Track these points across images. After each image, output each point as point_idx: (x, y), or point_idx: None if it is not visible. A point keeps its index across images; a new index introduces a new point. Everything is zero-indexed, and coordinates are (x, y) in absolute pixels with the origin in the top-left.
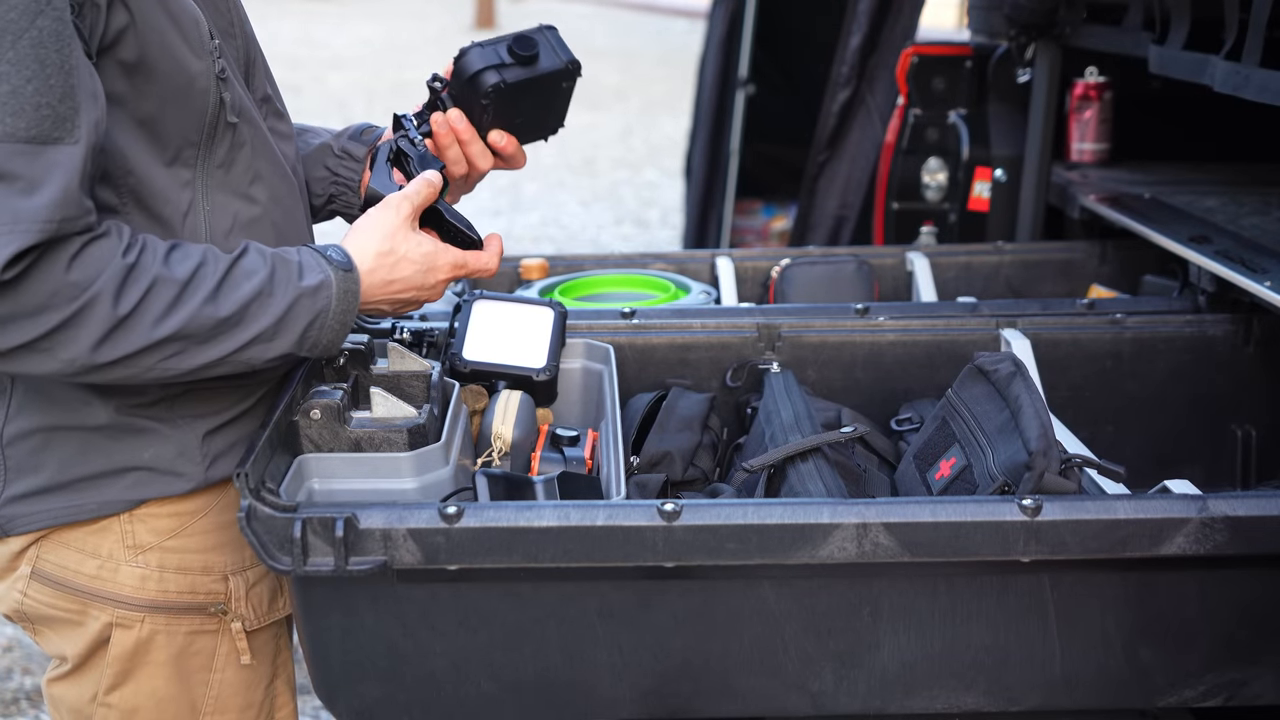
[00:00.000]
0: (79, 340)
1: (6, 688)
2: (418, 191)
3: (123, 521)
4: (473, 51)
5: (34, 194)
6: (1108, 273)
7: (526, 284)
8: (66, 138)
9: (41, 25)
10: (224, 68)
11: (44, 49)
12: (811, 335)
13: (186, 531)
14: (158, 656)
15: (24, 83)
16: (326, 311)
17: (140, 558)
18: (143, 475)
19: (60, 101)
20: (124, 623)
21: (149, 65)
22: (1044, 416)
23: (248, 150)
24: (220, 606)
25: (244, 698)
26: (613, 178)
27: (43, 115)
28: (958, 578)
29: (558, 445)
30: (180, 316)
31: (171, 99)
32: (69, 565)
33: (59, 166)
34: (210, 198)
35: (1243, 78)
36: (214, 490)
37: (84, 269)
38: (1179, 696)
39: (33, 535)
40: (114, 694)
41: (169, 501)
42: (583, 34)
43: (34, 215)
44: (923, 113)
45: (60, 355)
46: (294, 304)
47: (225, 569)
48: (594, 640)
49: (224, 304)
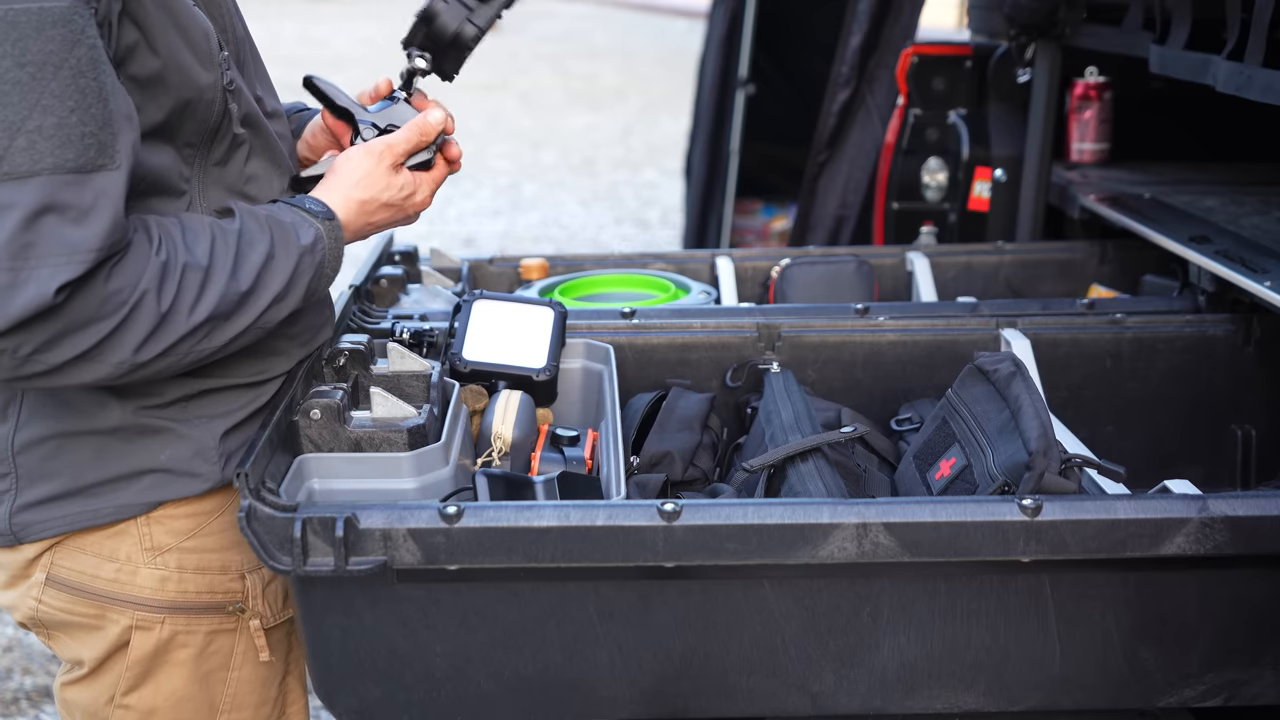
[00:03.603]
0: (126, 343)
1: (7, 688)
2: (406, 139)
3: (140, 524)
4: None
5: (84, 223)
6: (1108, 273)
7: (526, 284)
8: (109, 164)
9: (79, 54)
10: (233, 79)
11: (83, 78)
12: (811, 335)
13: (204, 531)
14: (178, 656)
15: (68, 113)
16: (324, 262)
17: (159, 559)
18: (160, 477)
19: (101, 129)
20: (144, 625)
21: (159, 78)
22: (1044, 416)
23: (246, 149)
24: (238, 605)
25: (259, 694)
26: (613, 178)
27: (87, 144)
28: (958, 578)
29: (558, 445)
30: (211, 299)
31: (179, 108)
32: (86, 570)
33: (106, 193)
34: (206, 194)
35: (1246, 78)
36: (230, 489)
37: (123, 276)
38: (1179, 696)
39: (47, 542)
40: (132, 695)
41: (186, 502)
42: (583, 34)
43: (87, 245)
44: (923, 113)
45: (110, 360)
46: (298, 263)
47: (242, 567)
48: (594, 640)
49: (242, 277)
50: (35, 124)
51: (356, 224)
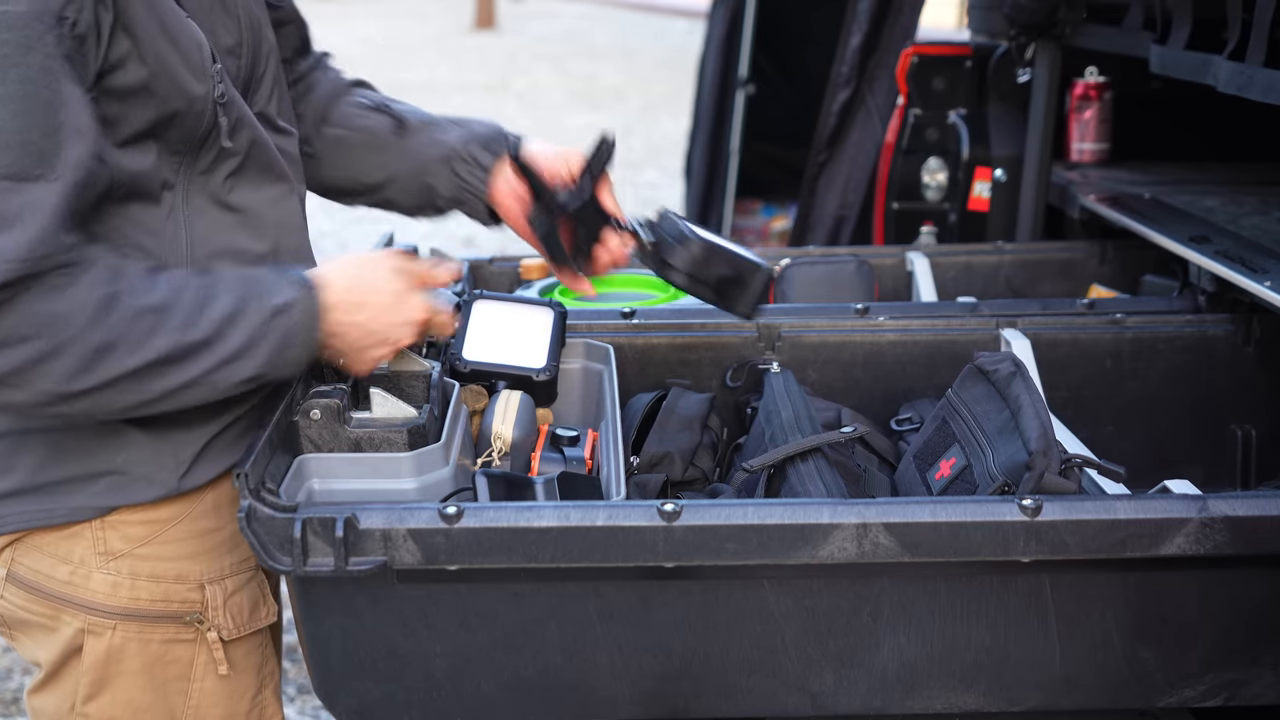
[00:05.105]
0: (54, 373)
1: (7, 687)
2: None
3: (95, 528)
4: None
5: (10, 231)
6: (1108, 273)
7: (526, 284)
8: (47, 174)
9: (31, 61)
10: (224, 91)
11: (31, 84)
12: (811, 335)
13: (159, 539)
14: (131, 665)
15: (9, 118)
16: (295, 331)
17: (112, 564)
18: (115, 480)
19: (43, 138)
20: (95, 630)
21: (148, 89)
22: (1044, 416)
23: (236, 160)
24: (196, 616)
25: (225, 708)
26: (613, 178)
27: (26, 151)
28: (958, 578)
29: (558, 445)
30: (160, 342)
31: (167, 117)
32: (42, 570)
33: (35, 205)
34: (190, 202)
35: (1247, 78)
36: (188, 498)
37: (64, 301)
38: (1179, 696)
39: (7, 538)
40: (91, 704)
41: (141, 509)
42: (583, 34)
43: (10, 254)
44: (923, 113)
45: (34, 387)
46: (266, 323)
47: (201, 578)
48: (594, 640)
49: (199, 327)
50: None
51: (342, 308)
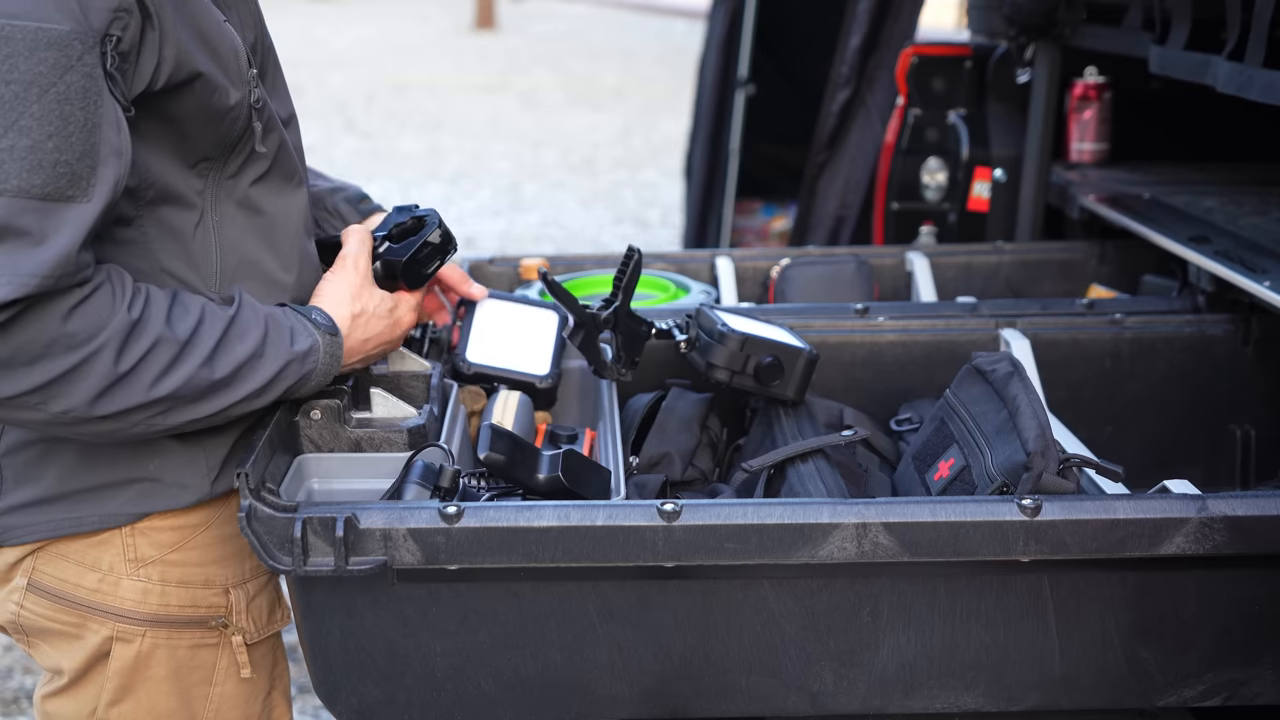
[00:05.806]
0: (76, 394)
1: (7, 687)
2: (361, 243)
3: (124, 534)
4: None
5: (38, 249)
6: (1107, 273)
7: (527, 284)
8: (80, 196)
9: (70, 81)
10: (259, 97)
11: (69, 105)
12: (811, 335)
13: (189, 545)
14: (158, 671)
15: (45, 139)
16: (311, 374)
17: (142, 571)
18: (147, 487)
19: (79, 160)
20: (124, 637)
21: (189, 99)
22: (1041, 416)
23: (263, 164)
24: (221, 620)
25: (242, 710)
26: (613, 178)
27: (60, 173)
28: (957, 578)
29: (556, 444)
30: (178, 377)
31: (205, 125)
32: (68, 578)
33: (67, 225)
34: (219, 208)
35: (1246, 78)
36: (217, 503)
37: (84, 320)
38: (1178, 696)
39: (30, 546)
40: (114, 709)
41: (172, 514)
42: (583, 34)
43: (32, 270)
44: (922, 113)
45: (54, 407)
46: (284, 368)
47: (227, 582)
48: (594, 640)
49: (220, 366)
50: (8, 143)
51: (355, 339)
